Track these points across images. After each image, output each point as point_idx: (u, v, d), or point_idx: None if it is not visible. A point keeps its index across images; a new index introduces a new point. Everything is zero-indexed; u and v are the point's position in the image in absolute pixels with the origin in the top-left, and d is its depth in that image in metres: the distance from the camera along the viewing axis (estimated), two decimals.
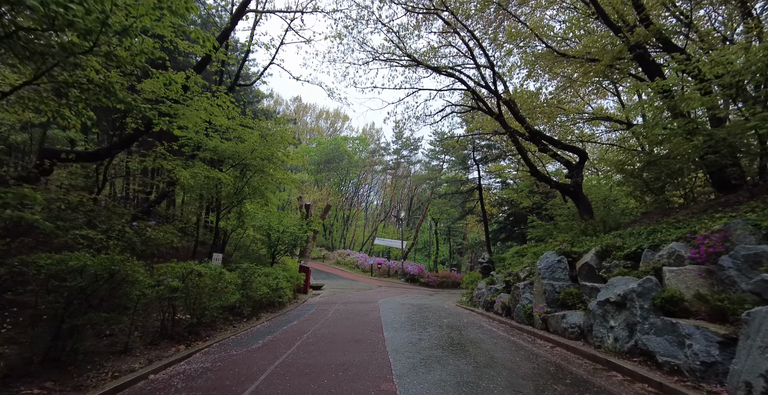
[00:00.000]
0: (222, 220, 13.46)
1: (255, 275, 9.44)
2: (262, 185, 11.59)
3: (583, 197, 11.08)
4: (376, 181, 53.25)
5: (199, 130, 11.00)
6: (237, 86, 13.41)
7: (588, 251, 6.95)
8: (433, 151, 31.40)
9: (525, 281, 8.54)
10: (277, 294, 11.06)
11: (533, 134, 11.65)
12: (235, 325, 8.14)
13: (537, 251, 10.77)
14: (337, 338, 6.49)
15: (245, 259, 15.12)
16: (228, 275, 7.42)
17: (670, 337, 3.90)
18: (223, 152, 11.22)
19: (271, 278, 10.77)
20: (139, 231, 7.19)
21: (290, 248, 16.38)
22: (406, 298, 16.68)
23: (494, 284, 11.16)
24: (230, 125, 11.28)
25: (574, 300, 6.35)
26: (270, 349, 5.66)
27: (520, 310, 7.97)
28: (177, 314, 6.62)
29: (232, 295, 7.88)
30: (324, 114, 51.63)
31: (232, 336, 6.92)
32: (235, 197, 11.54)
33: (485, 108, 12.03)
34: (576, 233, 9.36)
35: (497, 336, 6.73)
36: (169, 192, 12.05)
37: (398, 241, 33.34)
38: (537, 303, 7.19)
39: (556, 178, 15.31)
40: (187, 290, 6.17)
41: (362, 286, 22.87)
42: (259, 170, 11.84)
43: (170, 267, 5.93)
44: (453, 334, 6.89)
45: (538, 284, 7.30)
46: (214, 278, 6.86)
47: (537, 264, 7.57)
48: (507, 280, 10.26)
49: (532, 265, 9.04)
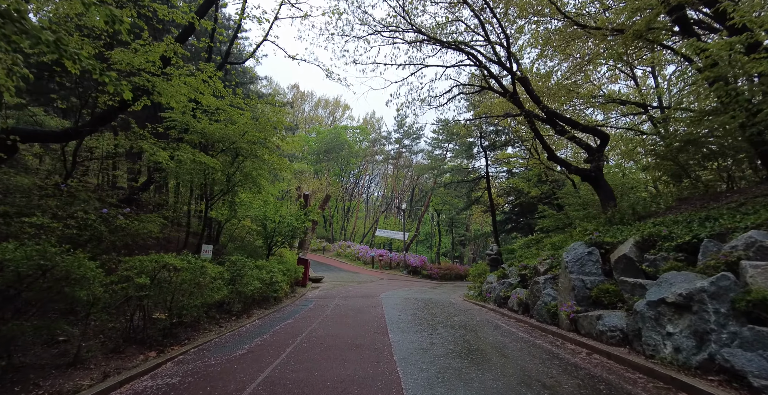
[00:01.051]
0: (213, 209, 12.57)
1: (245, 268, 8.57)
2: (253, 171, 10.64)
3: (605, 183, 10.12)
4: (377, 172, 52.25)
5: (186, 110, 10.05)
6: (227, 64, 12.35)
7: (624, 241, 6.03)
8: (436, 139, 30.33)
9: (546, 276, 7.66)
10: (272, 289, 10.22)
11: (550, 114, 10.63)
12: (222, 324, 7.30)
13: (556, 241, 9.88)
14: (336, 342, 5.62)
15: (240, 251, 14.27)
16: (212, 269, 6.53)
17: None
18: (212, 134, 10.25)
19: (264, 271, 9.91)
20: (110, 219, 6.28)
21: (287, 240, 15.51)
22: (410, 292, 15.89)
23: (507, 278, 10.29)
24: (219, 105, 10.29)
25: (611, 297, 5.46)
26: (255, 358, 4.80)
27: (541, 308, 7.10)
28: (151, 314, 5.77)
29: (217, 291, 7.02)
30: (323, 102, 50.35)
31: (216, 339, 6.06)
32: (225, 184, 10.60)
33: (498, 87, 10.99)
34: (601, 222, 8.44)
35: (520, 339, 5.86)
36: (154, 179, 11.11)
37: (400, 232, 32.53)
38: (563, 301, 6.30)
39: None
40: (160, 288, 5.29)
41: (363, 279, 22.11)
42: (252, 154, 10.88)
43: (139, 261, 5.03)
44: (468, 336, 6.02)
45: (564, 279, 6.41)
46: (195, 272, 5.97)
47: (563, 257, 6.66)
48: (522, 274, 9.38)
49: (553, 257, 8.15)
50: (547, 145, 10.83)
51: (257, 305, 9.78)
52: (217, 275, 7.13)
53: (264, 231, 14.71)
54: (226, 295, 7.73)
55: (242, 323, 7.59)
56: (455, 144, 28.53)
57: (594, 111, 17.68)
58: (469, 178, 21.86)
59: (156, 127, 10.48)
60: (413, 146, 40.43)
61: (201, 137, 10.31)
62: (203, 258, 11.01)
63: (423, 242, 46.97)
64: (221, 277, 7.92)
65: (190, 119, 10.00)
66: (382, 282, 20.67)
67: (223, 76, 13.60)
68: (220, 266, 8.74)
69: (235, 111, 10.55)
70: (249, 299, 8.93)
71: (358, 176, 49.03)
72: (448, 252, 44.43)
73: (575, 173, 10.41)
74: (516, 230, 27.54)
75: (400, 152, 41.11)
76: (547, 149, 10.77)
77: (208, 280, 6.61)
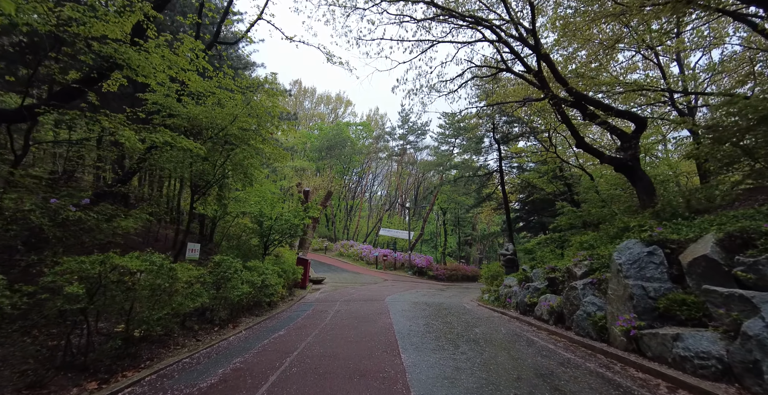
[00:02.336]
0: (201, 204, 11.42)
1: (231, 270, 7.40)
2: (244, 160, 9.47)
3: (643, 174, 8.87)
4: (381, 169, 51.04)
5: (170, 94, 8.92)
6: (218, 44, 11.17)
7: (697, 239, 4.80)
8: (443, 134, 29.06)
9: (584, 280, 6.43)
10: (264, 293, 9.07)
11: (579, 97, 9.39)
12: (201, 337, 6.13)
13: (588, 240, 8.64)
14: (334, 366, 4.43)
15: (233, 251, 13.17)
16: (185, 272, 5.36)
17: None
18: (197, 119, 9.10)
19: (255, 273, 8.75)
20: (59, 211, 5.13)
21: (285, 239, 14.35)
22: (418, 294, 14.69)
23: (531, 282, 9.06)
24: (206, 87, 9.15)
25: (689, 311, 4.23)
26: (225, 393, 3.61)
27: (582, 319, 5.87)
28: (98, 329, 4.61)
29: (194, 298, 5.86)
30: (325, 98, 49.18)
31: (187, 358, 4.88)
32: (211, 174, 9.44)
33: (521, 67, 9.76)
34: (646, 216, 7.19)
35: (566, 362, 4.64)
36: (136, 170, 9.96)
37: (405, 231, 31.31)
38: (616, 312, 5.07)
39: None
40: (109, 297, 4.12)
41: (367, 280, 20.93)
42: (243, 142, 9.72)
43: (78, 263, 3.86)
44: (501, 357, 4.81)
45: (617, 286, 5.17)
46: (161, 276, 4.81)
47: (613, 258, 5.43)
48: (551, 277, 8.15)
49: (591, 258, 6.92)
50: (576, 131, 9.57)
51: (247, 311, 8.62)
52: (193, 278, 5.96)
53: (260, 229, 13.57)
54: (206, 302, 6.57)
55: (225, 335, 6.42)
56: (463, 139, 27.26)
57: (613, 102, 16.41)
58: (481, 173, 20.53)
59: (136, 111, 9.36)
60: (418, 143, 39.20)
61: (186, 121, 9.17)
62: (189, 258, 9.90)
63: (428, 241, 45.70)
64: (201, 281, 6.77)
65: (173, 102, 8.86)
66: (387, 284, 19.48)
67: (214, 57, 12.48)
68: (202, 268, 7.59)
69: (225, 93, 9.39)
70: (237, 305, 7.77)
71: (361, 174, 47.83)
72: (454, 252, 43.15)
73: (608, 163, 9.16)
74: (527, 230, 26.21)
75: (404, 149, 39.86)
76: (576, 136, 9.52)
77: (181, 285, 5.45)
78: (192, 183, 9.62)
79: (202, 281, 6.80)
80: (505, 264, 13.66)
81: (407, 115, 37.96)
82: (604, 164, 9.87)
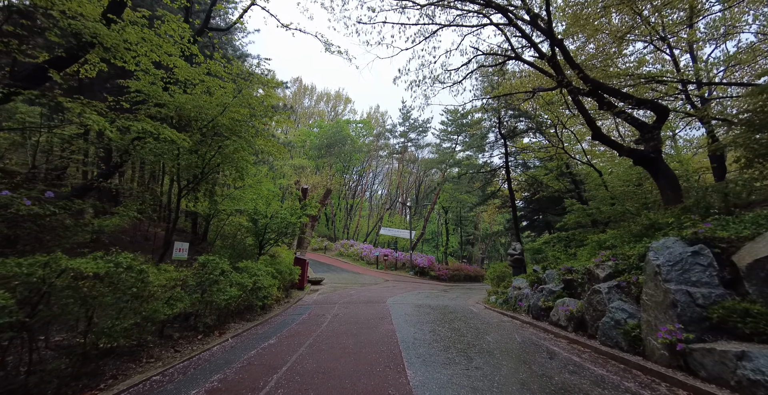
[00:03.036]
0: (190, 200, 10.76)
1: (217, 272, 6.72)
2: (235, 152, 8.79)
3: (666, 167, 8.19)
4: (381, 168, 50.37)
5: (155, 81, 8.26)
6: (208, 30, 10.49)
7: (755, 236, 4.12)
8: (445, 131, 28.36)
9: (609, 283, 5.75)
10: (257, 296, 8.38)
11: (596, 85, 8.70)
12: (180, 347, 5.45)
13: (607, 238, 7.97)
14: (327, 388, 3.76)
15: (227, 250, 12.53)
16: (158, 275, 4.68)
17: None
18: (184, 108, 8.43)
19: (246, 275, 8.08)
20: (8, 206, 4.44)
21: (281, 237, 13.67)
22: (420, 296, 14.01)
23: (545, 284, 8.37)
24: (194, 74, 8.48)
25: (755, 324, 3.55)
26: None
27: (609, 327, 5.19)
28: (48, 344, 3.93)
29: (172, 304, 5.19)
30: (325, 96, 48.50)
31: (157, 376, 4.20)
32: (199, 168, 8.77)
33: (533, 54, 9.08)
34: (674, 213, 6.51)
35: (602, 381, 3.96)
36: (120, 163, 9.29)
37: (406, 231, 30.64)
38: (654, 321, 4.39)
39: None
40: (53, 307, 3.45)
41: (367, 280, 20.25)
42: (234, 133, 9.05)
43: (16, 265, 3.18)
44: (522, 373, 4.13)
45: (654, 291, 4.49)
46: (127, 280, 4.13)
47: (648, 258, 4.74)
48: (568, 279, 7.48)
49: (615, 258, 6.24)
50: (593, 121, 8.87)
51: (237, 316, 7.94)
52: (172, 281, 5.29)
53: (254, 227, 12.89)
54: (188, 307, 5.91)
55: (209, 344, 5.74)
56: (466, 136, 26.59)
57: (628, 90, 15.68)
58: (485, 169, 19.80)
59: (119, 100, 8.70)
60: (419, 140, 38.47)
61: (173, 111, 8.50)
62: (177, 258, 9.22)
63: (429, 241, 45.04)
64: (182, 284, 6.11)
65: (158, 91, 8.18)
66: (388, 285, 18.80)
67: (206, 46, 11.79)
68: (186, 270, 6.92)
69: (214, 81, 8.72)
70: (224, 310, 7.09)
71: (361, 172, 47.16)
72: (455, 252, 42.48)
73: (627, 156, 8.48)
74: (530, 229, 25.53)
75: (405, 147, 39.13)
76: (592, 127, 8.83)
77: (155, 289, 4.78)
78: (179, 177, 8.95)
79: (182, 284, 6.14)
80: (512, 264, 12.98)
81: (408, 112, 37.28)
82: (623, 157, 9.16)
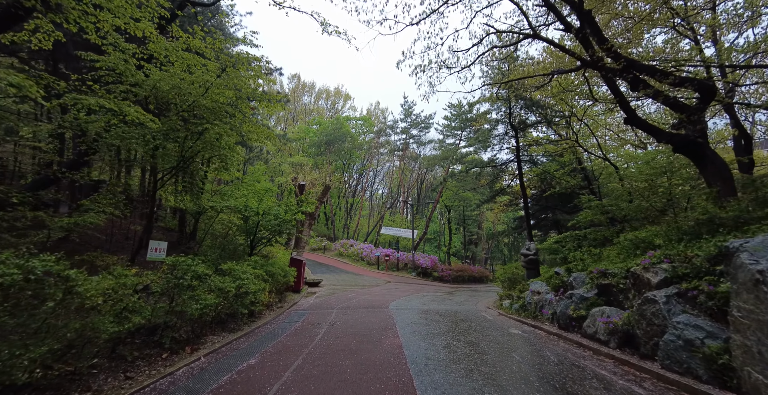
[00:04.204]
0: (171, 194, 9.69)
1: (189, 276, 5.62)
2: (216, 138, 7.70)
3: (714, 154, 7.10)
4: (382, 167, 49.26)
5: (127, 58, 7.19)
6: (190, 3, 9.39)
7: None
8: (448, 126, 27.25)
9: (667, 290, 4.66)
10: (242, 302, 7.30)
11: (630, 62, 7.61)
12: (134, 372, 4.35)
13: (645, 237, 6.88)
14: None
15: (215, 250, 11.46)
16: (89, 284, 3.60)
17: None
18: (159, 88, 7.35)
19: (229, 279, 7.00)
20: None
21: (275, 236, 12.59)
22: (425, 299, 12.93)
23: (573, 289, 7.28)
24: (170, 49, 7.42)
25: None
26: None
27: (674, 348, 4.09)
28: None
29: (123, 319, 4.11)
30: (324, 93, 47.35)
31: None
32: (176, 156, 7.68)
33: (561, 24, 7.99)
34: (739, 208, 5.41)
35: None
36: (87, 152, 8.20)
37: (408, 230, 29.54)
38: (755, 346, 3.29)
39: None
40: None
41: (368, 282, 19.17)
42: (217, 117, 7.97)
43: None
44: None
45: (757, 307, 3.35)
46: (39, 293, 3.05)
47: (742, 261, 3.63)
48: (603, 284, 6.39)
49: (669, 260, 5.15)
50: (627, 103, 7.77)
51: (218, 326, 6.85)
52: (120, 289, 4.21)
53: (245, 225, 11.81)
54: (151, 318, 4.83)
55: (173, 366, 4.65)
56: (470, 131, 25.49)
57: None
58: (494, 164, 18.65)
59: (84, 79, 7.61)
60: (421, 137, 37.30)
61: (147, 91, 7.41)
62: (152, 258, 8.12)
63: (431, 241, 43.94)
64: (143, 290, 5.03)
65: (129, 68, 7.12)
66: (390, 286, 17.72)
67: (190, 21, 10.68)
68: (153, 273, 5.85)
69: (195, 58, 7.65)
70: (199, 321, 6.00)
71: (361, 171, 46.03)
72: (458, 252, 41.35)
73: (668, 142, 7.38)
74: (537, 228, 24.40)
75: (407, 144, 37.98)
76: (626, 109, 7.73)
77: (95, 301, 3.70)
78: (154, 167, 7.87)
79: (143, 290, 5.06)
80: (526, 266, 11.89)
81: (410, 107, 36.16)
82: (662, 143, 8.07)
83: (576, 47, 10.34)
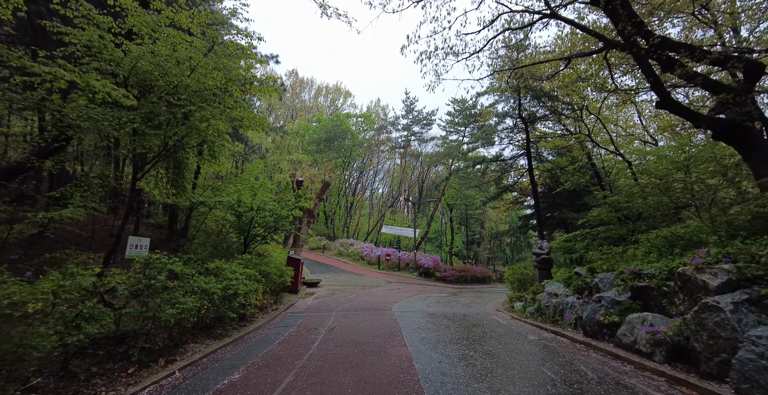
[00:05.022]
0: (155, 187, 8.91)
1: (163, 276, 4.83)
2: (202, 121, 6.90)
3: (761, 139, 6.32)
4: (382, 166, 48.46)
5: (103, 34, 6.41)
6: None
7: None
8: (452, 122, 26.47)
9: (734, 296, 3.89)
10: (230, 306, 6.50)
11: (665, 40, 6.83)
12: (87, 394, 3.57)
13: (683, 233, 6.11)
14: None
15: (207, 248, 10.69)
16: (21, 289, 2.81)
17: None
18: (138, 67, 6.55)
19: (213, 279, 6.22)
20: None
21: (271, 233, 11.79)
22: (430, 301, 12.16)
23: (600, 293, 6.50)
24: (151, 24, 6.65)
25: None
26: None
27: (756, 370, 3.31)
28: None
29: (78, 326, 3.33)
30: (323, 90, 46.51)
31: None
32: (157, 143, 6.87)
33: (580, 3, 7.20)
34: None
35: None
36: (60, 137, 7.40)
37: (409, 229, 28.75)
38: None
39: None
40: None
41: (368, 282, 18.39)
42: (204, 100, 7.17)
43: None
44: None
45: None
46: None
47: None
48: (639, 286, 5.61)
49: (729, 259, 4.37)
50: (662, 85, 6.97)
51: (203, 332, 6.06)
52: (67, 294, 3.43)
53: (238, 222, 11.03)
54: (109, 327, 4.04)
55: (138, 384, 3.86)
56: (474, 127, 24.72)
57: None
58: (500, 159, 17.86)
59: (54, 55, 6.81)
60: (423, 134, 36.44)
61: (125, 71, 6.61)
62: (131, 256, 7.33)
63: (432, 240, 43.15)
64: (108, 293, 4.25)
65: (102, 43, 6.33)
66: (391, 287, 16.94)
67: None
68: (125, 274, 5.08)
69: (180, 35, 6.86)
70: (177, 328, 5.21)
71: (362, 169, 45.22)
72: (460, 252, 40.57)
73: (708, 126, 6.61)
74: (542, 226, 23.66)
75: (408, 141, 37.15)
76: (659, 91, 6.95)
77: (25, 308, 2.91)
78: (134, 155, 7.07)
79: (108, 293, 4.28)
80: (538, 266, 11.10)
81: (412, 103, 35.35)
82: (700, 127, 7.29)
83: (596, 28, 9.60)
